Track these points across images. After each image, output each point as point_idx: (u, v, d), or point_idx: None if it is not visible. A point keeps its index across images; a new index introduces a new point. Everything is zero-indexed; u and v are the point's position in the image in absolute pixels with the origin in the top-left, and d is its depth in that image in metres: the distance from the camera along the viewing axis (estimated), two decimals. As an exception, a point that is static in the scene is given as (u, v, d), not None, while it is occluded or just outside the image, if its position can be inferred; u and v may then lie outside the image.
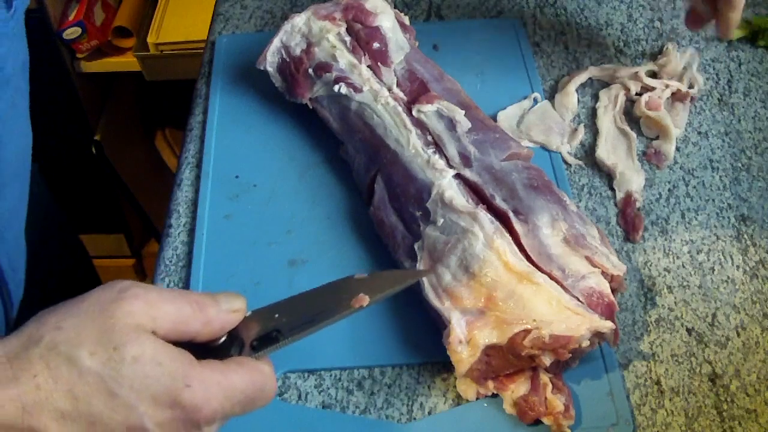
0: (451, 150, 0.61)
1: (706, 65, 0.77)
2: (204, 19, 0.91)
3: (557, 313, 0.52)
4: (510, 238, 0.56)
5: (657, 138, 0.71)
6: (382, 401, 0.56)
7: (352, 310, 0.47)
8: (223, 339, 0.45)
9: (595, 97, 0.74)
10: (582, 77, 0.75)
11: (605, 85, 0.75)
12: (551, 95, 0.75)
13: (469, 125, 0.62)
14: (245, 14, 0.85)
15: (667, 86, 0.73)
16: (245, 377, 0.43)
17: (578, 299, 0.53)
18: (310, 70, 0.68)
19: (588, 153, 0.70)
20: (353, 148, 0.66)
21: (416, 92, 0.66)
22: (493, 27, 0.80)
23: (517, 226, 0.56)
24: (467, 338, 0.53)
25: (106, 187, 1.60)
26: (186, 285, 0.62)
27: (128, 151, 1.63)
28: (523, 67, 0.76)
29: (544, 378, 0.54)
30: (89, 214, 1.68)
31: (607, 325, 0.52)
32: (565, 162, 0.69)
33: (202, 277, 0.62)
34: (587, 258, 0.55)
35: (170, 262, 0.64)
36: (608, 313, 0.53)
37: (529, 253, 0.55)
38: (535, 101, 0.73)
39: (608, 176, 0.68)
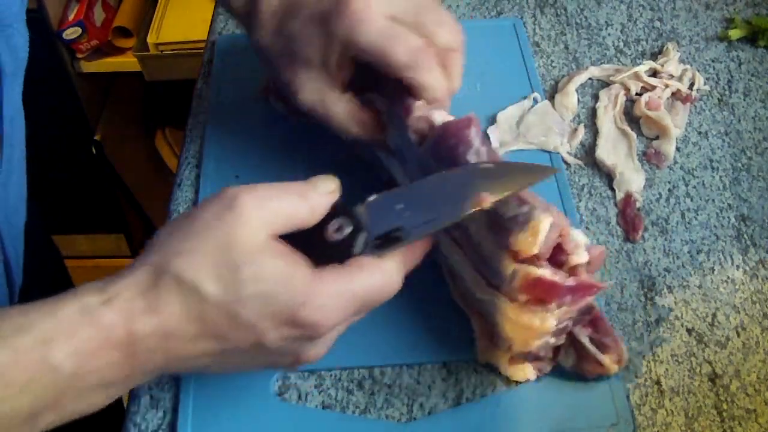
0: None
1: (706, 65, 0.77)
2: (204, 19, 0.91)
3: (514, 324, 0.51)
4: (461, 252, 0.54)
5: (657, 138, 0.71)
6: (382, 401, 0.56)
7: (474, 211, 0.46)
8: (348, 232, 0.45)
9: (595, 97, 0.74)
10: (582, 77, 0.75)
11: (605, 85, 0.75)
12: (551, 95, 0.75)
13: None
14: (245, 14, 0.85)
15: (667, 86, 0.73)
16: (366, 281, 0.45)
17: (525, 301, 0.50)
18: None
19: (588, 153, 0.70)
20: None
21: None
22: (493, 27, 0.80)
23: (457, 234, 0.54)
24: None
25: (106, 187, 1.61)
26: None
27: (128, 151, 1.64)
28: (523, 67, 0.76)
29: (583, 343, 0.53)
30: (89, 214, 1.68)
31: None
32: (565, 162, 0.69)
33: (202, 277, 0.62)
34: (508, 252, 0.49)
35: (170, 262, 0.64)
36: (549, 294, 0.49)
37: (474, 264, 0.53)
38: (535, 101, 0.73)
39: (608, 176, 0.68)
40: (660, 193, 0.67)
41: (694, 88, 0.74)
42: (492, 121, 0.71)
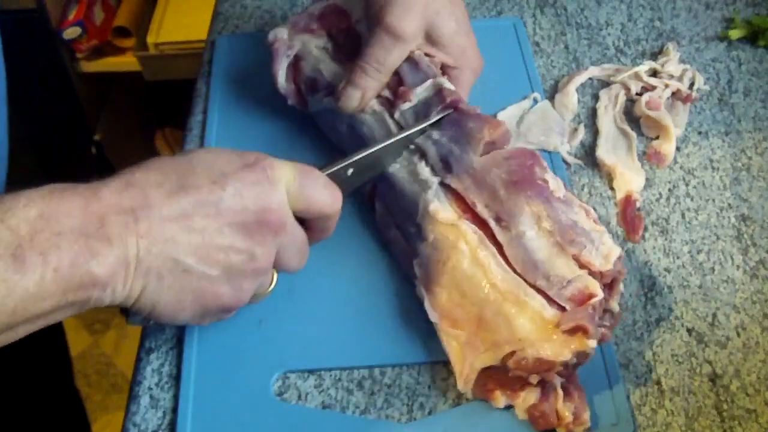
0: (432, 155, 0.59)
1: (706, 65, 0.77)
2: (204, 19, 0.91)
3: (541, 332, 0.51)
4: (494, 249, 0.54)
5: (657, 138, 0.71)
6: (382, 401, 0.56)
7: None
8: None
9: (595, 97, 0.74)
10: (582, 77, 0.75)
11: (605, 85, 0.75)
12: (551, 95, 0.75)
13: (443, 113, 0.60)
14: (245, 14, 0.85)
15: (667, 86, 0.73)
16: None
17: (565, 308, 0.51)
18: (302, 86, 0.67)
19: (588, 153, 0.70)
20: None
21: (395, 89, 0.63)
22: (493, 27, 0.80)
23: (500, 235, 0.54)
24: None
25: (106, 187, 1.60)
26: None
27: (128, 151, 1.63)
28: (523, 67, 0.76)
29: (554, 385, 0.53)
30: (89, 214, 1.68)
31: (589, 346, 0.50)
32: (565, 162, 0.69)
33: (202, 277, 0.62)
34: (574, 257, 0.53)
35: (170, 262, 0.64)
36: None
37: (513, 264, 0.53)
38: (535, 101, 0.73)
39: (608, 176, 0.68)
40: (660, 193, 0.67)
41: (694, 88, 0.74)
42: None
